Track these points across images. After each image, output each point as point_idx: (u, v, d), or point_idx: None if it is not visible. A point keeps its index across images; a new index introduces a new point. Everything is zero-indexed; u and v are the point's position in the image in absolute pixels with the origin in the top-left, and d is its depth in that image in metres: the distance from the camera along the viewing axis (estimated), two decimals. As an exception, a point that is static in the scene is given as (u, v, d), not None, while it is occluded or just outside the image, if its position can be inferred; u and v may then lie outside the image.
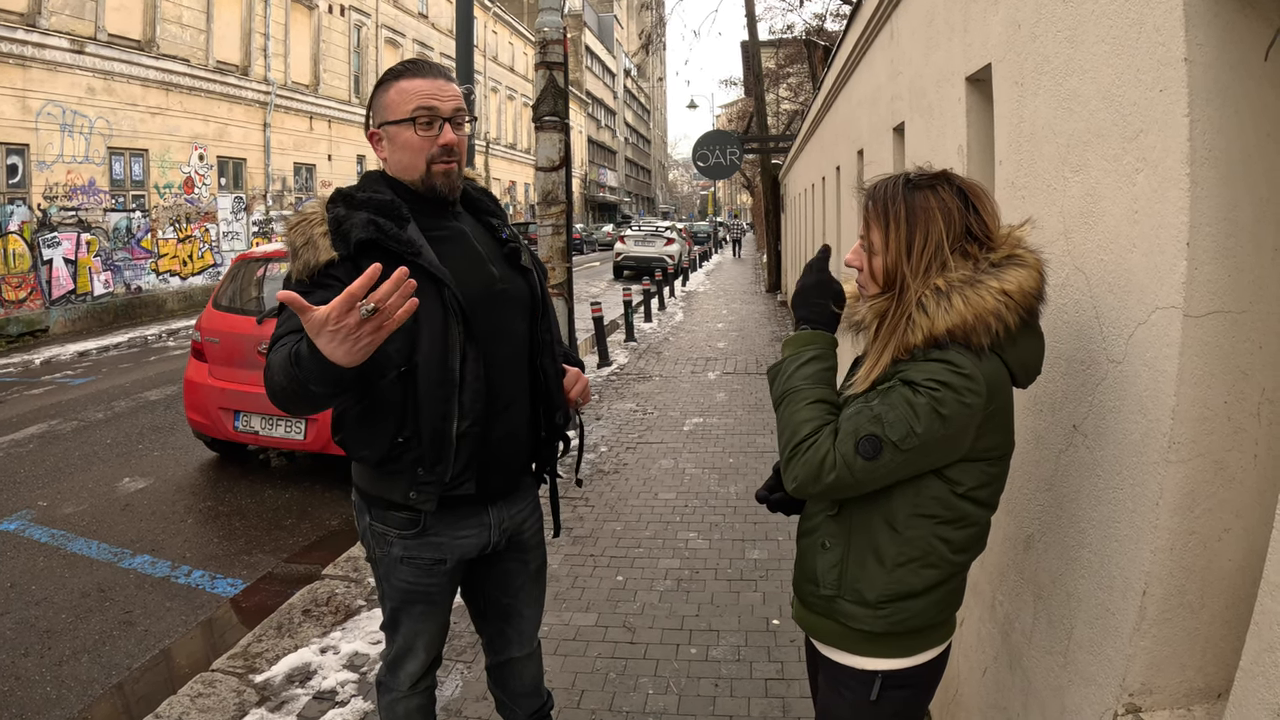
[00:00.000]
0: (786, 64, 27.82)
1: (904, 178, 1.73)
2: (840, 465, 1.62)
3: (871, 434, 1.60)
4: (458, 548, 2.29)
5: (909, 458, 1.61)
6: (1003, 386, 1.68)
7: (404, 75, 2.14)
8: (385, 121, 2.14)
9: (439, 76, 2.15)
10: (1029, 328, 1.71)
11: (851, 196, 6.56)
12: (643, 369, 11.03)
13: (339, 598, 4.41)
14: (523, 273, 2.32)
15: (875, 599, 1.74)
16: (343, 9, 25.48)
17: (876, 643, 1.78)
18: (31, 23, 14.31)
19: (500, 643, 2.57)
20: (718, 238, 50.94)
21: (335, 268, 2.02)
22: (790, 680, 3.58)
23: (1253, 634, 1.32)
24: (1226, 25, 1.51)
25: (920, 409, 1.58)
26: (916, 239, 1.68)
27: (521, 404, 2.29)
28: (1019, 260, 1.67)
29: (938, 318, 1.62)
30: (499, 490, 2.31)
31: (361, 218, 2.04)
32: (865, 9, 5.45)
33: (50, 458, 7.43)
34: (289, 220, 2.12)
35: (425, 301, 2.04)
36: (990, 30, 2.67)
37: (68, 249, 15.34)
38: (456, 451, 2.12)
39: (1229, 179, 1.52)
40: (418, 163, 2.14)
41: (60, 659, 4.07)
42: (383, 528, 2.26)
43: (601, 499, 5.93)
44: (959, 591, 1.84)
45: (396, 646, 2.41)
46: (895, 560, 1.72)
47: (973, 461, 1.68)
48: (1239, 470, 1.61)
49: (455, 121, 2.15)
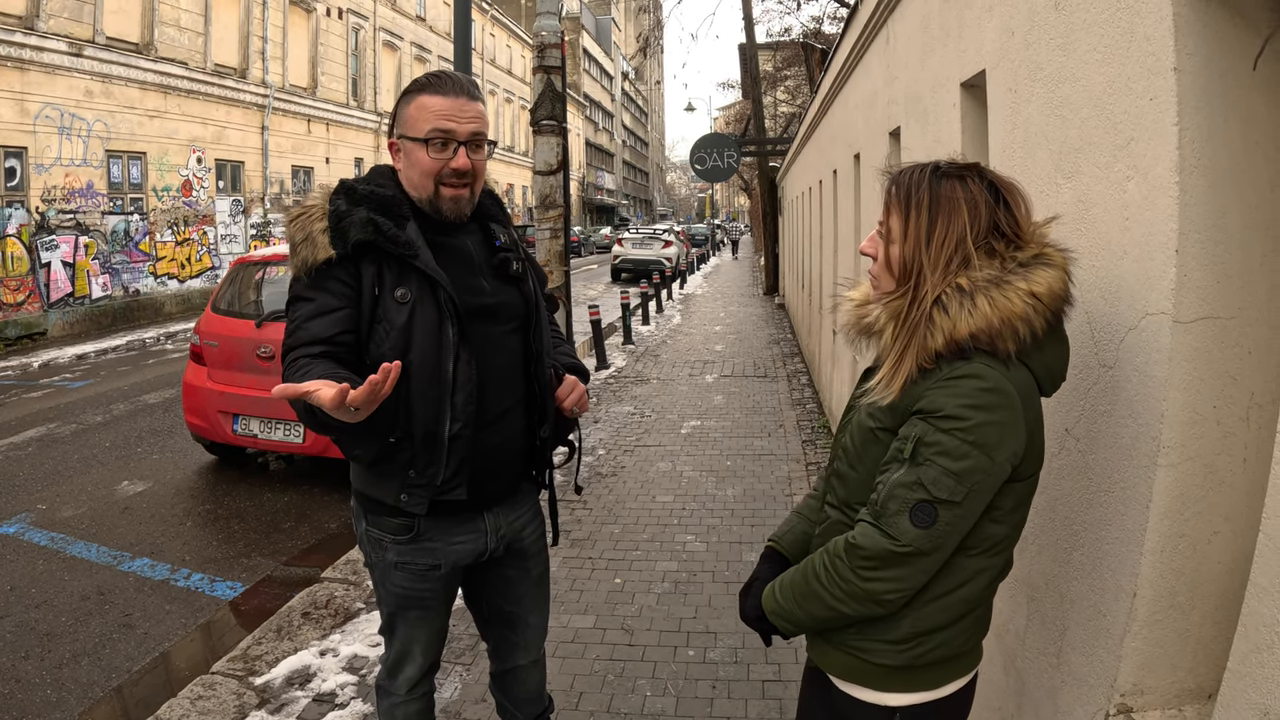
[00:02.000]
0: (784, 67, 27.84)
1: (933, 165, 1.61)
2: (908, 543, 1.50)
3: (919, 502, 1.48)
4: (453, 553, 2.29)
5: (970, 504, 1.50)
6: (1032, 397, 1.56)
7: (426, 89, 2.13)
8: (403, 135, 2.15)
9: (461, 94, 2.12)
10: (1055, 333, 1.59)
11: (850, 200, 6.59)
12: (640, 372, 11.05)
13: (338, 600, 4.42)
14: (515, 282, 2.29)
15: (902, 635, 1.61)
16: (340, 12, 25.49)
17: (896, 677, 1.64)
18: (30, 25, 14.32)
19: (505, 650, 2.57)
20: (715, 240, 50.94)
21: (334, 266, 2.05)
22: (787, 682, 3.60)
23: (1240, 635, 1.34)
24: (1215, 35, 1.53)
25: (955, 451, 1.46)
26: (938, 228, 1.55)
27: (516, 413, 2.28)
28: (1047, 260, 1.56)
29: (960, 320, 1.50)
30: (494, 497, 2.31)
31: (361, 216, 2.05)
32: (862, 13, 5.47)
33: (49, 461, 7.44)
34: (290, 211, 2.13)
35: (421, 304, 2.07)
36: (985, 37, 2.69)
37: (66, 252, 15.34)
38: (448, 454, 2.12)
39: (1217, 187, 1.55)
40: (427, 183, 2.13)
41: (60, 662, 4.08)
42: (378, 533, 2.27)
43: (599, 502, 5.95)
44: (986, 618, 1.72)
45: (394, 651, 2.42)
46: (925, 597, 1.59)
47: (1013, 482, 1.56)
48: (1228, 474, 1.63)
49: (473, 144, 2.14)
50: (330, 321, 2.05)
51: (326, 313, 2.05)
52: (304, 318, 2.06)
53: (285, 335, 2.09)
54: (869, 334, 1.69)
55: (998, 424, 1.47)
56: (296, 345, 2.03)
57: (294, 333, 2.06)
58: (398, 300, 2.06)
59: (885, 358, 1.61)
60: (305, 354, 2.00)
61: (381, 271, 2.08)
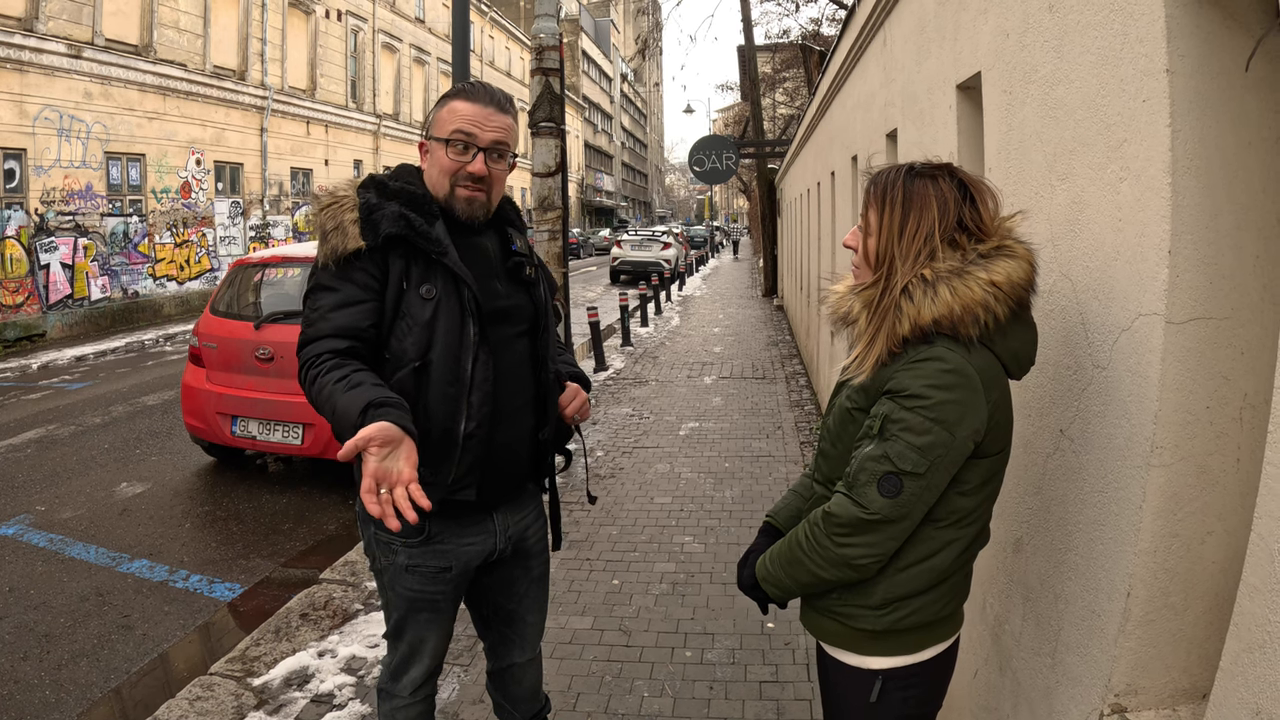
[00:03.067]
0: (783, 69, 27.86)
1: (908, 165, 1.74)
2: (876, 511, 1.62)
3: (886, 473, 1.60)
4: (464, 555, 2.31)
5: (932, 476, 1.60)
6: (997, 379, 1.67)
7: (459, 96, 2.19)
8: (430, 135, 2.20)
9: (490, 104, 2.18)
10: (1019, 318, 1.70)
11: (847, 202, 6.59)
12: (639, 374, 11.06)
13: (336, 602, 4.42)
14: (526, 287, 2.33)
15: (877, 601, 1.73)
16: (340, 14, 25.50)
17: (878, 641, 1.76)
18: (29, 27, 14.32)
19: (503, 648, 2.59)
20: (714, 242, 50.93)
21: (361, 258, 2.08)
22: (785, 683, 3.60)
23: (1232, 635, 1.34)
24: (1208, 36, 1.54)
25: (918, 427, 1.58)
26: (910, 223, 1.68)
27: (525, 414, 2.31)
28: (1008, 251, 1.66)
29: (924, 307, 1.61)
30: (501, 497, 2.33)
31: (393, 210, 2.09)
32: (859, 15, 5.48)
33: (48, 462, 7.44)
34: (320, 200, 2.17)
35: (445, 301, 2.10)
36: (980, 39, 2.69)
37: (65, 253, 15.34)
38: (461, 453, 2.14)
39: (1210, 188, 1.55)
40: (443, 181, 2.18)
41: (59, 663, 4.08)
42: (388, 536, 2.27)
43: (598, 503, 5.95)
44: (963, 585, 1.83)
45: (400, 654, 2.42)
46: (897, 565, 1.70)
47: (978, 459, 1.67)
48: (1221, 474, 1.64)
49: (495, 152, 2.19)
50: (355, 313, 2.08)
51: (352, 304, 2.08)
52: (328, 307, 2.08)
53: (305, 323, 2.10)
54: (848, 323, 1.80)
55: (958, 402, 1.59)
56: (319, 336, 2.05)
57: (316, 322, 2.08)
58: (423, 296, 2.10)
59: (858, 341, 1.74)
60: (330, 349, 2.02)
61: (409, 266, 2.11)
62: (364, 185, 2.17)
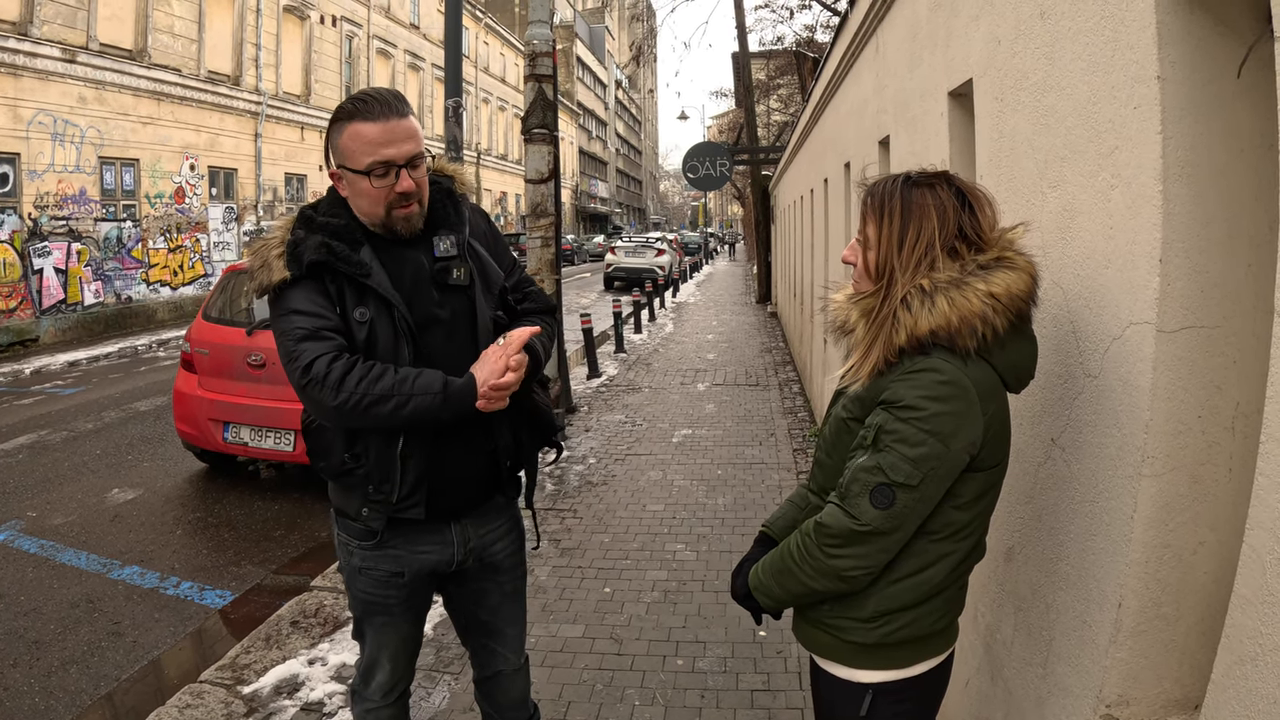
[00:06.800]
0: (777, 75, 27.90)
1: (905, 175, 1.72)
2: (867, 522, 1.60)
3: (879, 485, 1.58)
4: (416, 561, 2.31)
5: (925, 488, 1.58)
6: (994, 391, 1.64)
7: (355, 117, 2.08)
8: (345, 167, 2.13)
9: (391, 115, 2.08)
10: (1019, 331, 1.68)
11: (840, 209, 6.59)
12: (632, 380, 11.04)
13: (327, 609, 4.40)
14: (457, 291, 2.24)
15: (869, 614, 1.70)
16: (334, 20, 25.51)
17: (869, 654, 1.74)
18: (23, 32, 14.30)
19: (485, 656, 2.58)
20: (709, 249, 50.95)
21: (299, 285, 2.10)
22: (776, 692, 3.59)
23: (1224, 647, 1.33)
24: (1199, 43, 1.53)
25: (912, 438, 1.56)
26: (909, 233, 1.65)
27: (474, 428, 2.22)
28: (1008, 263, 1.64)
29: (921, 317, 1.59)
30: (459, 509, 2.31)
31: (315, 240, 2.10)
32: (852, 21, 5.49)
33: (40, 468, 7.40)
34: (251, 245, 2.22)
35: (379, 322, 2.12)
36: (971, 46, 2.69)
37: (58, 258, 15.30)
38: (402, 473, 2.15)
39: (1202, 195, 1.54)
40: (377, 210, 2.13)
41: (49, 669, 4.05)
42: (345, 537, 2.32)
43: (590, 510, 5.93)
44: (957, 600, 1.81)
45: (366, 656, 2.46)
46: (890, 577, 1.68)
47: (973, 472, 1.64)
48: (1213, 484, 1.62)
49: (412, 164, 2.12)
50: (326, 324, 2.09)
51: (319, 315, 2.09)
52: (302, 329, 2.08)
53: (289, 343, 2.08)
54: (846, 331, 1.78)
55: (953, 414, 1.56)
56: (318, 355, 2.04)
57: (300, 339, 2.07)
58: (358, 320, 2.10)
59: (855, 350, 1.73)
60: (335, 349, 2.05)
61: (343, 292, 2.12)
62: (295, 223, 2.17)
